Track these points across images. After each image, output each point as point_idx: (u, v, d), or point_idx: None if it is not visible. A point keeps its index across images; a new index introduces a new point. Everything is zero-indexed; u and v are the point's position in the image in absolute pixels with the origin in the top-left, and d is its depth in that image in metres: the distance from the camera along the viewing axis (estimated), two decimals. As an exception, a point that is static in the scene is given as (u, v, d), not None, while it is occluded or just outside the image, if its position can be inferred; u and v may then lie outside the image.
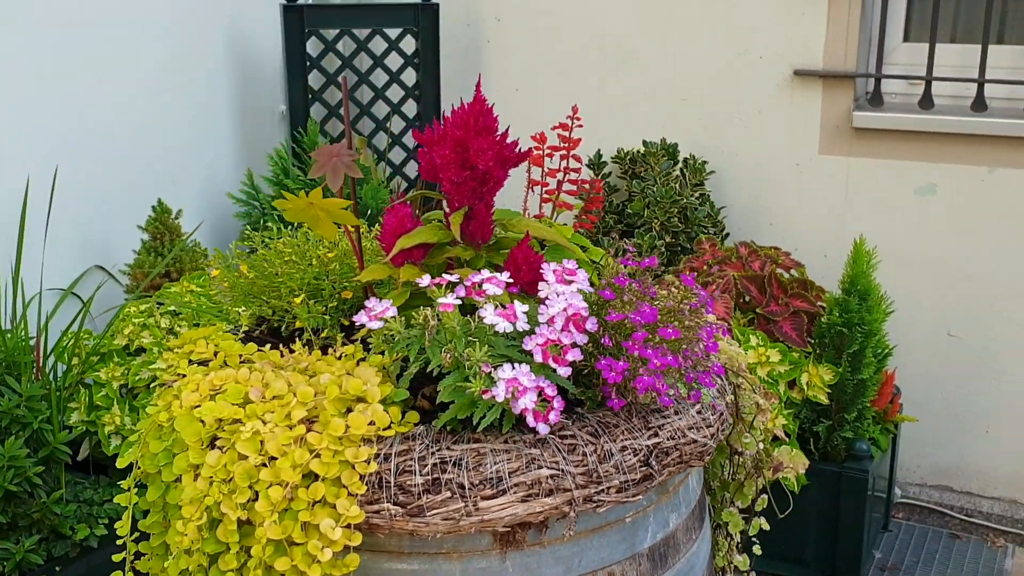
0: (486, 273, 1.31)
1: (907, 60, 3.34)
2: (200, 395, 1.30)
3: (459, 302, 1.28)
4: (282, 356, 1.43)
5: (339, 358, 1.38)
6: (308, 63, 3.56)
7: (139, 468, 1.33)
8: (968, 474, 3.41)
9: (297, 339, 1.51)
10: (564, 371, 1.27)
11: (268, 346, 1.48)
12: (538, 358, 1.25)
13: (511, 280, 1.31)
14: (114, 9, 3.16)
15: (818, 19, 3.31)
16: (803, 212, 3.43)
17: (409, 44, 3.68)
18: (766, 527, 1.77)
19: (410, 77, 3.72)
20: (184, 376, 1.40)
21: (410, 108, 3.77)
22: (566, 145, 1.66)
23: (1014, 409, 3.31)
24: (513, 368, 1.23)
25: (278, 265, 1.53)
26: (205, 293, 2.99)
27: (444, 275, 1.31)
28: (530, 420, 1.24)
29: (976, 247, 3.25)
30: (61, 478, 2.59)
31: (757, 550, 1.78)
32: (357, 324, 1.39)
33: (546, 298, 1.31)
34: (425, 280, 1.33)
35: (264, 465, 1.21)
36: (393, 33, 3.65)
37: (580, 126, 1.72)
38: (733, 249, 3.12)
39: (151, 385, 2.67)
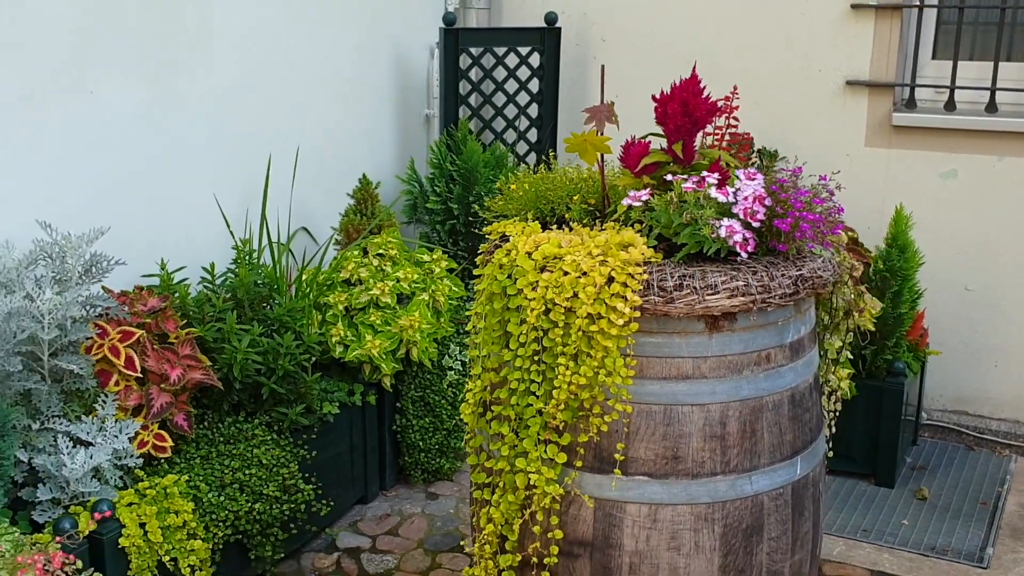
0: (707, 174, 2.23)
1: (935, 73, 4.26)
2: (528, 246, 2.21)
3: (693, 187, 2.20)
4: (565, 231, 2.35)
5: (601, 231, 2.29)
6: (458, 74, 4.50)
7: (483, 295, 2.26)
8: (981, 400, 4.30)
9: (562, 225, 2.43)
10: (756, 225, 2.19)
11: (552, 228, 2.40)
12: (742, 216, 2.17)
13: (720, 179, 2.22)
14: (316, 42, 4.12)
15: (865, 41, 4.23)
16: (852, 192, 4.32)
17: (535, 59, 4.62)
18: (850, 356, 2.67)
19: (534, 85, 4.65)
20: (500, 243, 2.35)
21: (532, 110, 4.71)
22: (728, 108, 2.57)
23: (1018, 348, 4.20)
24: (729, 221, 2.15)
25: (547, 183, 2.46)
26: (400, 242, 3.93)
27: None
28: (738, 250, 2.15)
29: (988, 219, 4.15)
30: (310, 368, 3.50)
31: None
32: (603, 214, 2.32)
33: (738, 188, 2.22)
34: (669, 176, 2.25)
35: (579, 278, 2.13)
36: (524, 51, 4.59)
37: (738, 97, 2.64)
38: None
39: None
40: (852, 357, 3.88)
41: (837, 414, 2.63)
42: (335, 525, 3.62)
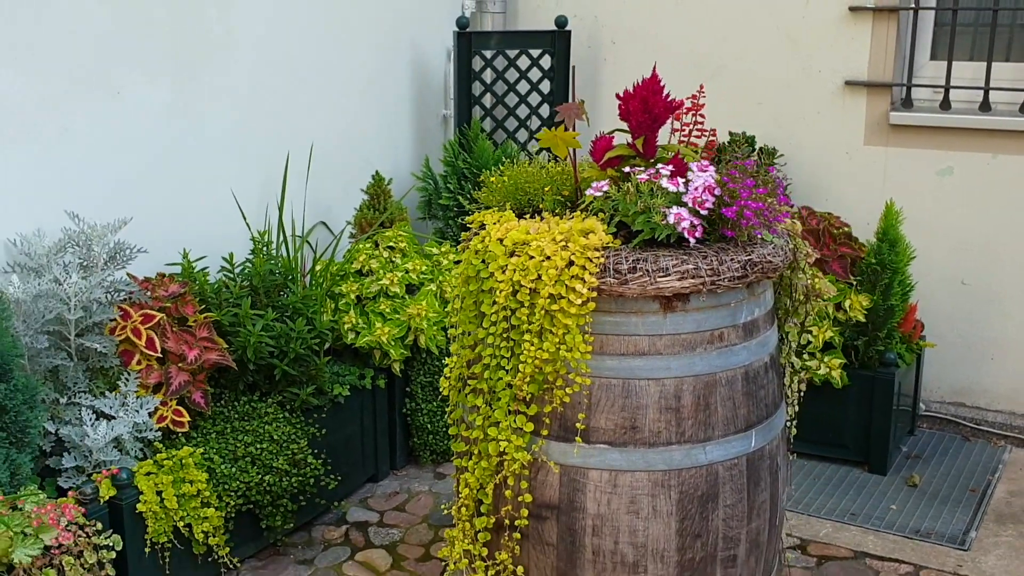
0: (660, 166, 2.41)
1: (932, 74, 4.38)
2: (500, 233, 2.41)
3: (647, 179, 2.38)
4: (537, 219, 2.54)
5: (570, 220, 2.48)
6: (471, 76, 4.70)
7: (461, 275, 2.45)
8: (977, 392, 4.41)
9: (537, 215, 2.62)
10: (704, 212, 2.36)
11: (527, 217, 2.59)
12: (690, 204, 2.34)
13: (673, 171, 2.40)
14: (335, 44, 4.35)
15: (864, 43, 4.36)
16: (851, 189, 4.47)
17: (546, 61, 4.80)
18: (812, 340, 2.82)
19: (545, 87, 4.84)
20: (478, 231, 2.54)
21: (544, 110, 4.89)
22: (695, 106, 2.75)
23: (1013, 341, 4.30)
24: (678, 209, 2.33)
25: (526, 176, 2.65)
26: (410, 235, 4.14)
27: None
28: (686, 235, 2.33)
29: (984, 215, 4.26)
30: (321, 351, 3.72)
31: (805, 354, 2.82)
32: (575, 204, 2.50)
33: (690, 179, 2.40)
34: (627, 169, 2.43)
35: (543, 261, 2.32)
36: (535, 53, 4.78)
37: (704, 96, 2.82)
38: (797, 211, 4.18)
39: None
40: (844, 346, 4.04)
41: (802, 395, 2.79)
42: (346, 501, 3.83)
